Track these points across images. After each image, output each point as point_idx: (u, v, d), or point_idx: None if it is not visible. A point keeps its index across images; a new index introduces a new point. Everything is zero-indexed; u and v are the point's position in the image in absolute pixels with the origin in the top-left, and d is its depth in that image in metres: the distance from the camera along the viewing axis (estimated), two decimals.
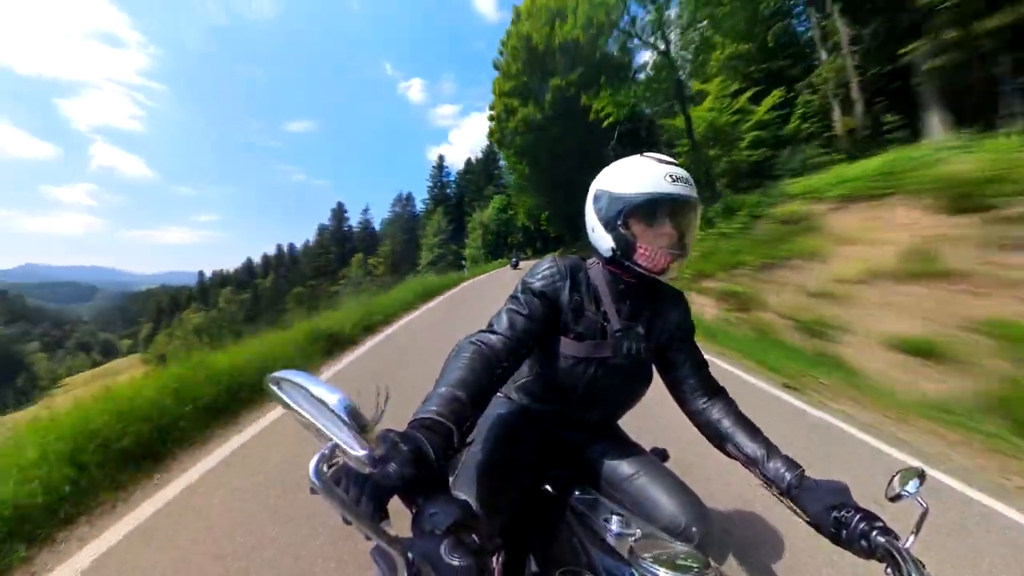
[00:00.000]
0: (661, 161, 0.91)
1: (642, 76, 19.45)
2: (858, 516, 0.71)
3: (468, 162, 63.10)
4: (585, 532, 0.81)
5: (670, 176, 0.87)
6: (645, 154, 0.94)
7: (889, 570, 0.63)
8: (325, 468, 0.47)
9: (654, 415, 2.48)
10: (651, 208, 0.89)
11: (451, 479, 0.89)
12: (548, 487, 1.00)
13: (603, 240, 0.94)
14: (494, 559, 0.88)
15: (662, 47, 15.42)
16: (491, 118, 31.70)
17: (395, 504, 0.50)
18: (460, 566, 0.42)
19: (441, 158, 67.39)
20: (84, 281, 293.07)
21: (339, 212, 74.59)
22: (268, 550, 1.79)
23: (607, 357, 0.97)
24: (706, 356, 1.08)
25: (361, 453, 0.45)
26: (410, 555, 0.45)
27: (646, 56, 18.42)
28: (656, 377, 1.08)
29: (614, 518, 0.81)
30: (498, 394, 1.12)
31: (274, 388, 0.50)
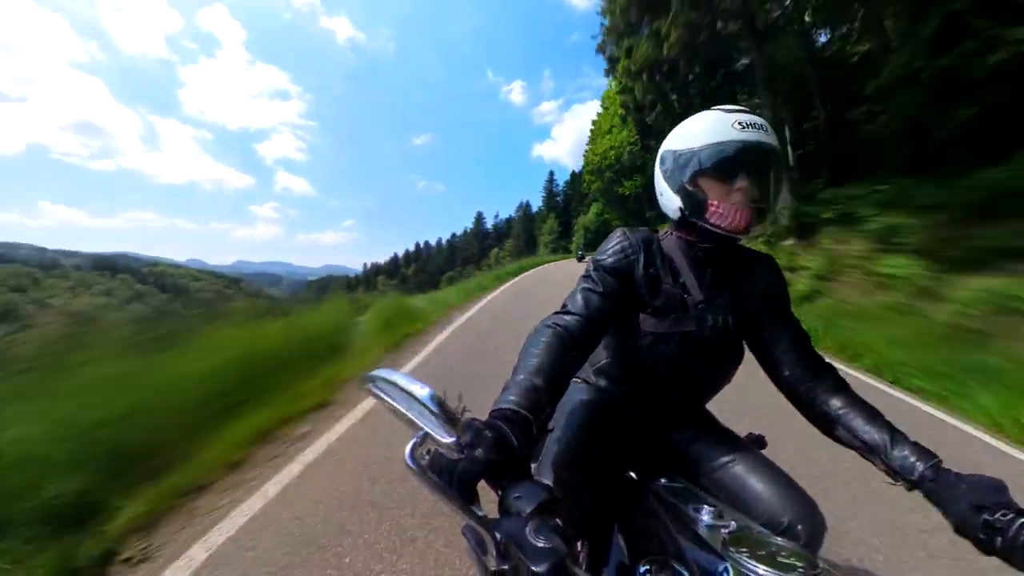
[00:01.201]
0: (729, 110, 0.83)
1: None
2: (1021, 520, 0.55)
3: (572, 174, 72.39)
4: (673, 521, 0.72)
5: (739, 123, 0.79)
6: (713, 108, 0.86)
7: None
8: (419, 454, 0.52)
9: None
10: (719, 159, 0.80)
11: (533, 466, 0.86)
12: (631, 473, 0.93)
13: (671, 202, 0.89)
14: (578, 544, 0.86)
15: None
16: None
17: (484, 487, 0.52)
18: (545, 547, 0.42)
19: (552, 173, 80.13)
20: (273, 272, 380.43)
21: (479, 218, 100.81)
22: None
23: (690, 332, 0.87)
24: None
25: (449, 440, 0.48)
26: (497, 535, 0.46)
27: None
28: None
29: (705, 508, 0.72)
30: (576, 379, 1.08)
31: (368, 385, 0.55)
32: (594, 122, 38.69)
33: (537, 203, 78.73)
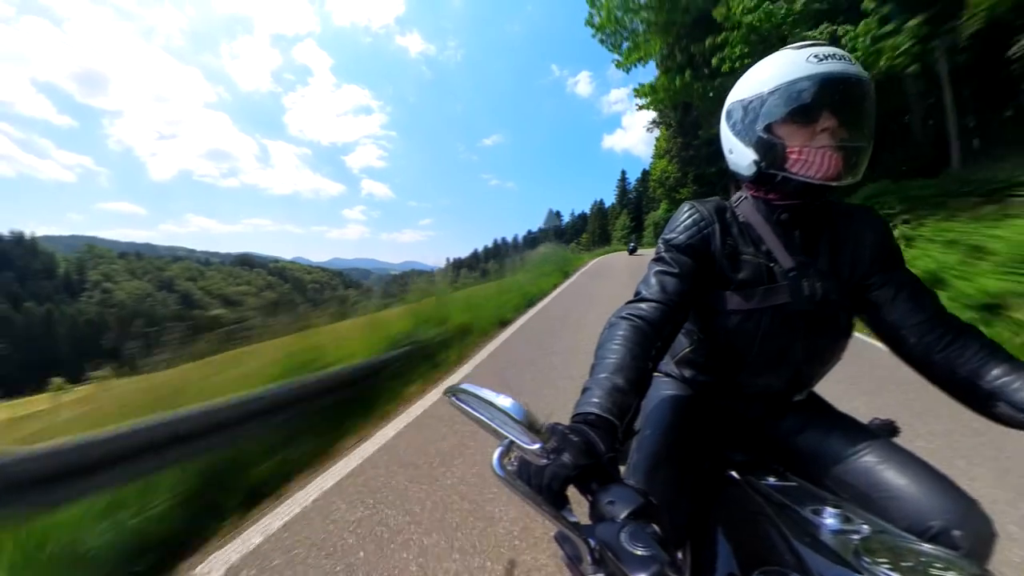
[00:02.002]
0: (801, 45, 0.72)
1: None
2: None
3: (644, 172, 76.15)
4: (789, 526, 0.61)
5: (815, 56, 0.68)
6: (783, 48, 0.74)
7: None
8: (505, 462, 0.51)
9: None
10: (796, 98, 0.68)
11: (623, 469, 0.83)
12: (733, 472, 0.82)
13: (744, 158, 0.77)
14: (679, 553, 0.76)
15: None
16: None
17: (575, 495, 0.50)
18: (644, 555, 0.40)
19: (624, 172, 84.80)
20: (363, 267, 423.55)
21: (557, 215, 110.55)
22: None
23: (783, 304, 0.76)
24: None
25: (535, 447, 0.47)
26: (591, 541, 0.44)
27: None
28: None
29: (827, 510, 0.60)
30: (657, 373, 0.98)
31: (451, 398, 0.55)
32: (657, 140, 43.95)
33: (610, 199, 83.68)
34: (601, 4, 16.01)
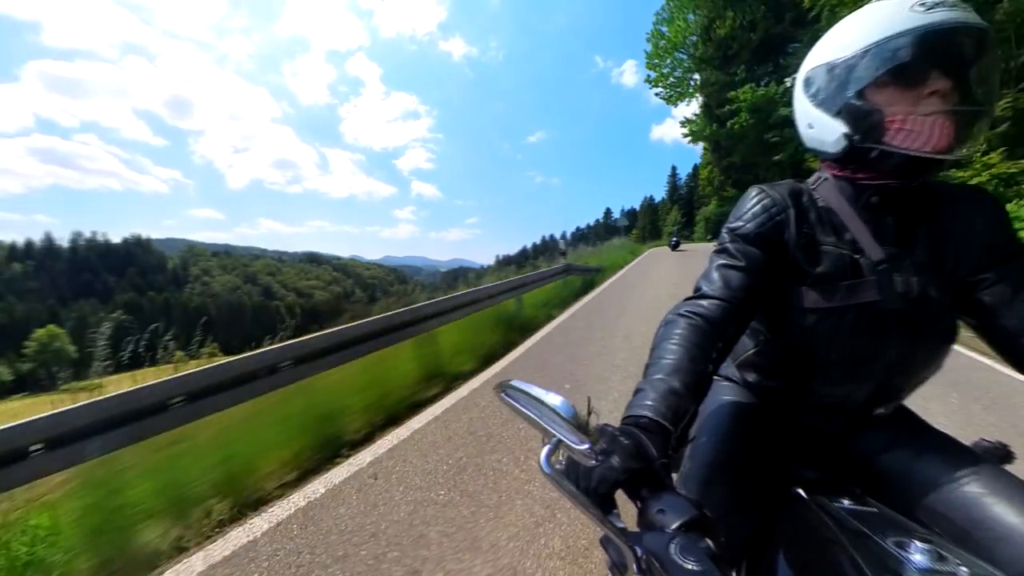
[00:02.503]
0: None
1: None
2: None
3: (695, 166, 77.02)
4: (865, 556, 0.55)
5: (920, 3, 0.57)
6: None
7: None
8: (553, 461, 0.50)
9: None
10: (896, 56, 0.58)
11: (676, 477, 0.76)
12: (800, 490, 0.74)
13: (829, 131, 0.66)
14: (734, 573, 0.68)
15: None
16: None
17: (624, 499, 0.48)
18: (694, 570, 0.37)
19: (674, 168, 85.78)
20: (413, 264, 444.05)
21: (608, 212, 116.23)
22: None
23: (872, 302, 0.65)
24: None
25: (583, 447, 0.46)
26: (638, 549, 0.42)
27: None
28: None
29: (914, 544, 0.53)
30: (717, 377, 0.91)
31: (501, 393, 0.55)
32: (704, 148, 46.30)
33: (660, 194, 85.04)
34: (656, 64, 20.90)
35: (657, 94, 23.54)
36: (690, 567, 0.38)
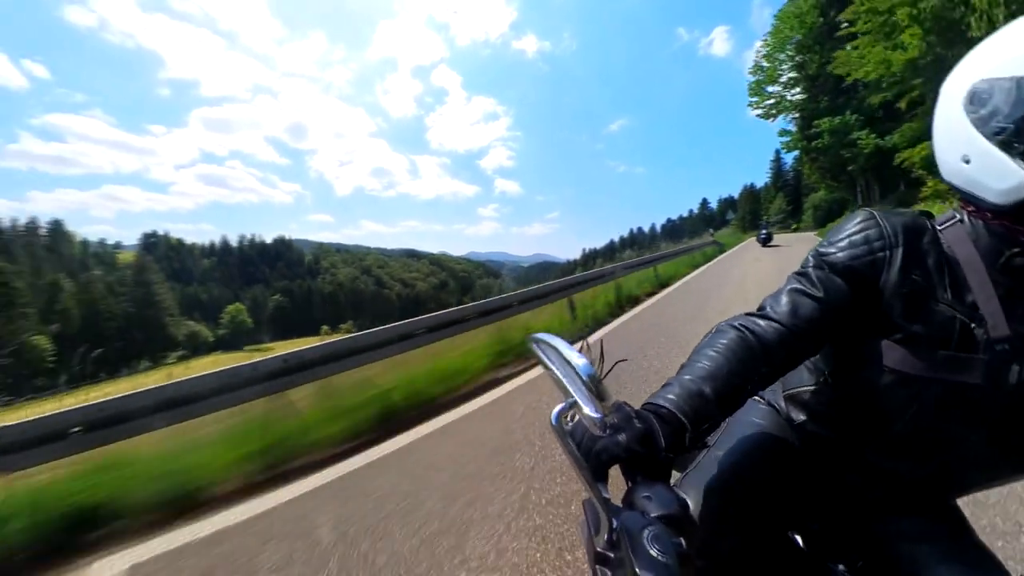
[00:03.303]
0: None
1: None
2: None
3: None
4: None
5: None
6: None
7: None
8: (564, 419, 0.52)
9: None
10: None
11: (679, 476, 0.75)
12: (797, 537, 0.73)
13: (1001, 173, 0.51)
14: None
15: None
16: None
17: (618, 474, 0.51)
18: (658, 560, 0.39)
19: (778, 152, 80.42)
20: (496, 260, 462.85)
21: (704, 202, 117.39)
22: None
23: (971, 385, 0.54)
24: None
25: (596, 416, 0.47)
26: (615, 522, 0.44)
27: None
28: None
29: None
30: (759, 398, 0.84)
31: (533, 345, 0.58)
32: None
33: (761, 180, 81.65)
34: (755, 90, 28.02)
35: (757, 114, 29.17)
36: (655, 555, 0.39)
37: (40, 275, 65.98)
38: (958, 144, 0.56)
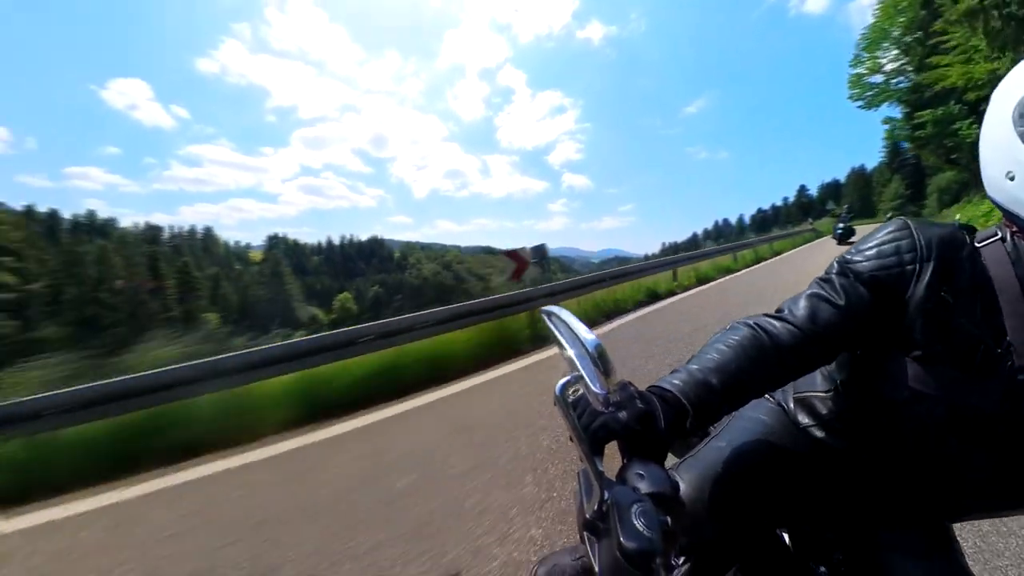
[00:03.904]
0: None
1: None
2: None
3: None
4: None
5: None
6: None
7: None
8: (567, 392, 0.54)
9: None
10: None
11: (676, 462, 0.77)
12: (785, 535, 0.75)
13: None
14: (680, 560, 0.68)
15: None
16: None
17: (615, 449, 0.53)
18: (642, 534, 0.40)
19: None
20: (566, 256, 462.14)
21: (802, 189, 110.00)
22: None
23: (985, 411, 0.53)
24: None
25: (600, 392, 0.48)
26: (606, 494, 0.45)
27: None
28: None
29: None
30: (768, 396, 0.84)
31: (545, 317, 0.61)
32: None
33: (872, 161, 73.54)
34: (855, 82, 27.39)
35: (859, 105, 28.32)
36: (640, 528, 0.40)
37: (202, 269, 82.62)
38: (1004, 159, 0.53)
